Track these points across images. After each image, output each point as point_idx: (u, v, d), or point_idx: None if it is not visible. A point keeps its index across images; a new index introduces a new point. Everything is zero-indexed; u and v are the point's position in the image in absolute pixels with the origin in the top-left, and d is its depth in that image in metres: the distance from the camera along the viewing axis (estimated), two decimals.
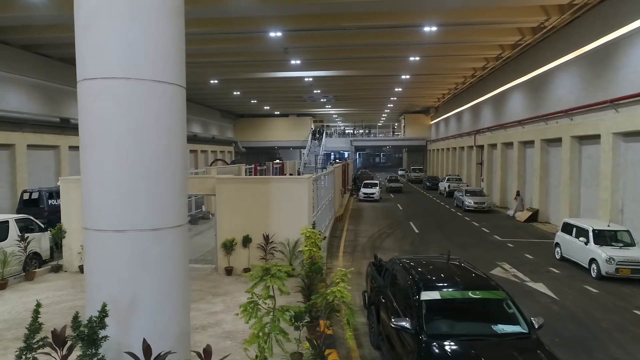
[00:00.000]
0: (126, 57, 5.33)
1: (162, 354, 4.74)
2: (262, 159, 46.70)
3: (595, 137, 17.84)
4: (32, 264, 12.18)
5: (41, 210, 16.86)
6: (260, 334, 4.75)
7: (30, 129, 21.99)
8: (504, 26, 21.21)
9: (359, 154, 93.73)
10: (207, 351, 4.69)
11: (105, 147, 5.42)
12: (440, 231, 20.40)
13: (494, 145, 31.40)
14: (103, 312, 4.82)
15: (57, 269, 12.19)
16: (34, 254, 12.34)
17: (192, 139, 42.04)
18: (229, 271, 11.92)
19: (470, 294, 6.29)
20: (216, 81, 32.98)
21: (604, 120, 17.10)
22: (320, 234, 10.10)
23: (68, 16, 8.24)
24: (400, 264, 7.46)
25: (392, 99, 45.03)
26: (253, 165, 31.52)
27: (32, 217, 13.16)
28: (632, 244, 12.94)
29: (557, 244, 15.04)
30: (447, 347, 5.47)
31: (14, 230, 11.85)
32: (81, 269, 11.50)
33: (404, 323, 5.85)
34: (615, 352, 8.10)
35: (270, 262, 11.56)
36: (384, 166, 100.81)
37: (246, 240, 11.80)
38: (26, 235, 11.73)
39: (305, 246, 9.36)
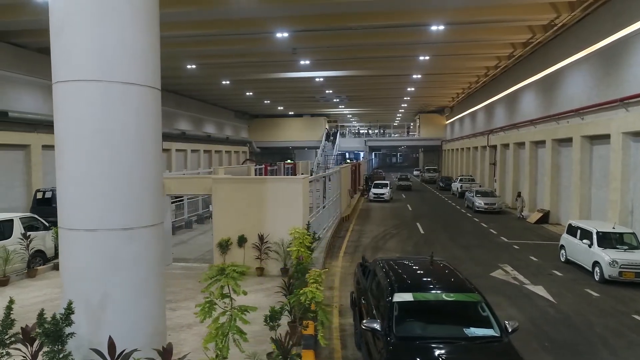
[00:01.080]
0: (97, 60, 5.42)
1: (125, 352, 4.82)
2: (276, 160, 46.92)
3: (606, 137, 17.36)
4: (36, 261, 12.51)
5: (54, 209, 17.20)
6: (219, 332, 4.79)
7: (45, 130, 22.52)
8: (514, 24, 20.85)
9: (375, 154, 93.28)
10: (167, 350, 4.75)
11: (78, 148, 5.54)
12: (447, 232, 20.16)
13: (506, 146, 30.88)
14: (69, 310, 4.94)
15: (59, 266, 12.47)
16: (38, 251, 12.67)
17: (206, 139, 42.49)
18: None
19: (444, 296, 6.22)
20: (228, 82, 33.25)
21: (614, 119, 16.64)
22: (310, 235, 10.11)
23: None
24: (381, 265, 7.41)
25: (405, 98, 44.69)
26: (263, 165, 31.44)
27: (36, 216, 13.51)
28: (637, 246, 12.53)
29: (562, 246, 14.69)
30: (414, 350, 5.42)
31: (18, 229, 12.18)
32: None
33: (374, 325, 5.83)
34: (607, 358, 7.87)
35: (264, 262, 11.80)
36: (400, 166, 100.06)
37: (241, 240, 11.86)
38: (29, 233, 12.04)
39: (293, 246, 9.36)
